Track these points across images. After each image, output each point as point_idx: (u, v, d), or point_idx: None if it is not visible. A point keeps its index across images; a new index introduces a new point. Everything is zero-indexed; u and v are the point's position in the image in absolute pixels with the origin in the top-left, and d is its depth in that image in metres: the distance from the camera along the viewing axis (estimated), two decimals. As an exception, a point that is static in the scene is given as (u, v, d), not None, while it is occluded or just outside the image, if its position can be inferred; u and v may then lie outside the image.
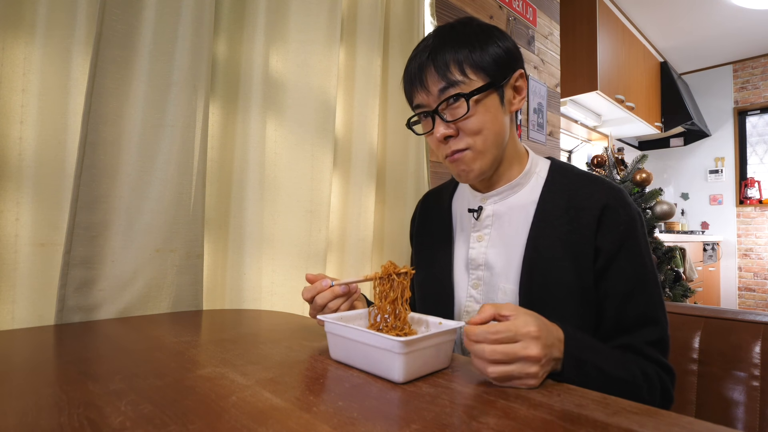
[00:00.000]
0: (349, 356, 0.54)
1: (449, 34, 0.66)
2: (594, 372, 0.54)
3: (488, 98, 0.65)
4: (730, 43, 4.17)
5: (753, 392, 0.73)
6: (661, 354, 0.62)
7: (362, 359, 0.51)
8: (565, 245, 0.64)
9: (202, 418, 0.37)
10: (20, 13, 0.82)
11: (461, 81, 0.63)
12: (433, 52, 0.65)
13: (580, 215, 0.65)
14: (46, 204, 0.83)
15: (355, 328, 0.52)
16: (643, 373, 0.58)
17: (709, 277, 4.09)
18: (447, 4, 1.80)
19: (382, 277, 0.60)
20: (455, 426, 0.36)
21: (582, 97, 3.22)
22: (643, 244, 0.64)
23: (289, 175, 1.16)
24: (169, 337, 0.68)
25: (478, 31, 0.66)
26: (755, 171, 4.52)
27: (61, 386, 0.45)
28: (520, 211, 0.71)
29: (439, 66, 0.64)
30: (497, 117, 0.66)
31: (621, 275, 0.62)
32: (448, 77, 0.64)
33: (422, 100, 0.67)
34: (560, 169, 0.73)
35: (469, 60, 0.64)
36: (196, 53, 0.98)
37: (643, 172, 2.81)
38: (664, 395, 0.60)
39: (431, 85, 0.65)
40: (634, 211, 0.65)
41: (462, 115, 0.64)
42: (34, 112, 0.82)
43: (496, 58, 0.65)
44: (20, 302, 0.81)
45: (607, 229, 0.63)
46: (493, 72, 0.65)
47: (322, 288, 0.65)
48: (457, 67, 0.64)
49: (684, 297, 2.72)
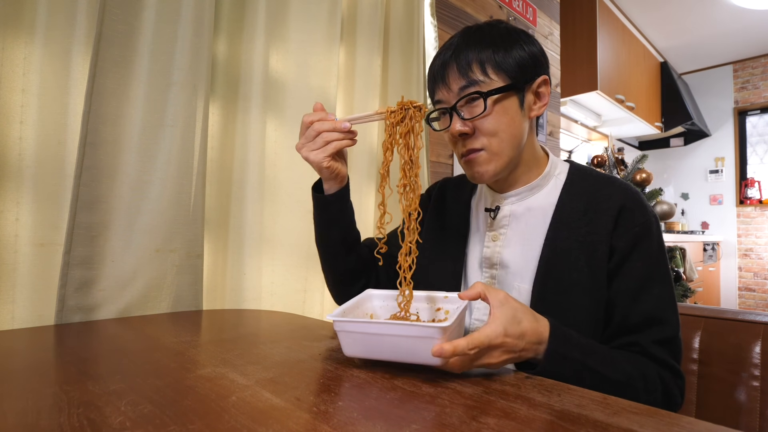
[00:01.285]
0: (372, 350, 0.53)
1: (475, 34, 0.66)
2: (580, 369, 0.54)
3: (507, 100, 0.65)
4: (730, 43, 4.17)
5: (753, 392, 0.73)
6: (669, 355, 0.61)
7: (391, 351, 0.51)
8: (582, 246, 0.65)
9: (202, 418, 0.37)
10: (20, 13, 0.82)
11: (482, 80, 0.64)
12: (457, 50, 0.65)
13: (599, 217, 0.65)
14: (46, 204, 0.83)
15: (386, 322, 0.53)
16: (641, 375, 0.57)
17: (709, 277, 4.09)
18: (447, 4, 1.80)
19: (395, 110, 0.63)
20: (455, 426, 0.36)
21: (582, 97, 3.22)
22: (657, 246, 0.64)
23: (289, 175, 1.16)
24: (169, 337, 0.68)
25: (504, 33, 0.66)
26: (755, 171, 4.52)
27: (61, 386, 0.45)
28: (538, 213, 0.70)
29: (461, 64, 0.64)
30: (515, 120, 0.66)
31: (631, 274, 0.63)
32: (469, 76, 0.64)
33: (442, 96, 0.68)
34: (579, 172, 0.73)
35: (491, 60, 0.64)
36: (196, 53, 0.98)
37: (643, 172, 2.81)
38: (667, 399, 0.59)
39: (452, 83, 0.65)
40: (650, 214, 0.65)
41: (479, 114, 0.64)
42: (34, 112, 0.82)
43: (519, 60, 0.65)
44: (20, 302, 0.81)
45: (623, 229, 0.64)
46: (515, 74, 0.65)
47: (326, 117, 0.65)
48: (479, 67, 0.64)
49: (684, 297, 2.72)
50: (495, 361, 0.50)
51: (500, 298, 0.53)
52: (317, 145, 0.66)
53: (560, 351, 0.54)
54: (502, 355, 0.50)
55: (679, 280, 2.78)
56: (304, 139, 0.67)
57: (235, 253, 1.09)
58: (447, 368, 0.49)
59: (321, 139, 0.65)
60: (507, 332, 0.50)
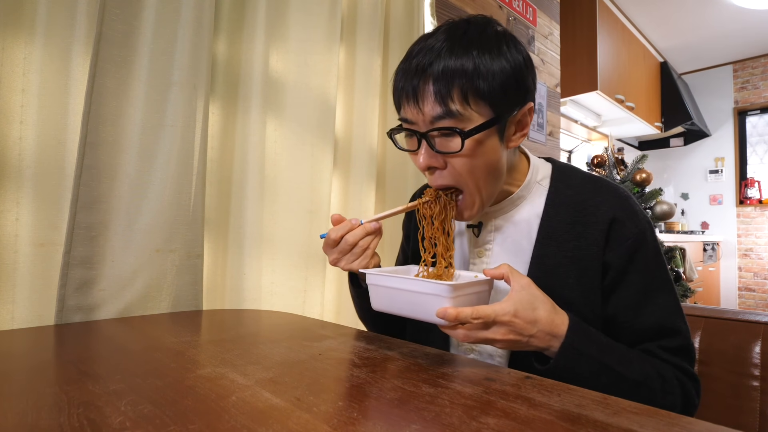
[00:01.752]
0: (394, 305, 0.58)
1: (460, 42, 0.55)
2: (596, 366, 0.53)
3: (487, 138, 0.57)
4: (730, 43, 4.17)
5: (753, 392, 0.73)
6: (685, 361, 0.60)
7: (408, 306, 0.56)
8: (572, 262, 0.61)
9: (202, 418, 0.37)
10: (20, 13, 0.82)
11: (460, 113, 0.55)
12: (435, 63, 0.55)
13: (587, 231, 0.62)
14: (46, 204, 0.83)
15: (403, 277, 0.57)
16: (659, 375, 0.56)
17: (709, 277, 4.09)
18: (447, 4, 1.80)
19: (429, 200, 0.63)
20: (455, 426, 0.36)
21: (582, 97, 3.22)
22: (653, 254, 0.62)
23: (289, 175, 1.16)
24: (168, 337, 0.68)
25: (493, 42, 0.56)
26: (755, 171, 4.52)
27: (61, 386, 0.45)
28: (523, 226, 0.67)
29: (439, 88, 0.54)
30: (492, 157, 0.59)
31: (631, 288, 0.60)
32: (448, 105, 0.55)
33: (412, 116, 0.58)
34: (563, 175, 0.68)
35: (474, 89, 0.54)
36: (196, 53, 0.98)
37: (643, 172, 2.81)
38: (686, 401, 0.57)
39: (425, 107, 0.56)
40: (642, 221, 0.62)
41: (454, 151, 0.57)
42: (34, 112, 0.82)
43: (504, 83, 0.56)
44: (20, 302, 0.81)
45: (616, 244, 0.60)
46: (499, 103, 0.56)
47: (353, 226, 0.64)
48: (460, 95, 0.54)
49: (684, 297, 2.72)
50: (500, 338, 0.51)
51: (523, 282, 0.54)
52: (356, 256, 0.65)
53: (576, 346, 0.53)
54: (508, 334, 0.51)
55: (679, 280, 2.78)
56: (337, 253, 0.64)
57: (235, 253, 1.09)
58: (452, 335, 0.51)
59: (358, 249, 0.64)
60: (517, 313, 0.51)
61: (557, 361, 0.53)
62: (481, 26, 0.58)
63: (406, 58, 0.59)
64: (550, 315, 0.53)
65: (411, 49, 0.59)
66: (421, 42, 0.58)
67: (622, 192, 0.64)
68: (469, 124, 0.56)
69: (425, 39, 0.58)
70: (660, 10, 3.55)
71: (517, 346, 0.53)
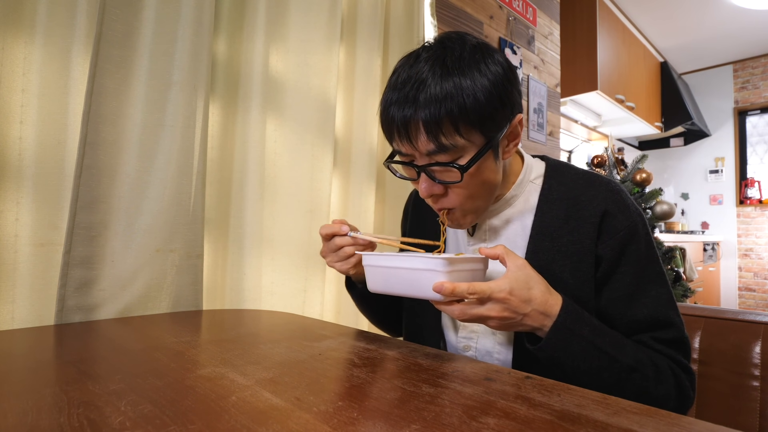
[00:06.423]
0: (389, 285, 0.58)
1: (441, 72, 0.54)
2: (588, 347, 0.54)
3: (484, 161, 0.58)
4: (730, 43, 4.17)
5: (753, 392, 0.73)
6: (679, 354, 0.60)
7: (404, 284, 0.56)
8: (566, 257, 0.62)
9: (202, 418, 0.37)
10: (20, 13, 0.82)
11: (454, 145, 0.55)
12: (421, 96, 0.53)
13: (581, 225, 0.63)
14: (46, 204, 0.83)
15: (397, 255, 0.57)
16: (652, 363, 0.56)
17: (709, 277, 4.09)
18: (447, 4, 1.80)
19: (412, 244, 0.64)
20: (455, 426, 0.36)
21: (582, 97, 3.22)
22: (645, 246, 0.62)
23: (289, 175, 1.16)
24: (168, 337, 0.68)
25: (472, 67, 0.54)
26: (755, 171, 4.52)
27: (61, 386, 0.45)
28: (517, 224, 0.68)
29: (429, 123, 0.53)
30: (491, 176, 0.60)
31: (623, 280, 0.61)
32: (440, 140, 0.54)
33: (405, 149, 0.58)
34: (556, 173, 0.69)
35: (463, 119, 0.53)
36: (196, 53, 0.98)
37: (643, 172, 2.81)
38: (679, 391, 0.57)
39: (419, 143, 0.55)
40: (634, 214, 0.62)
41: (454, 182, 0.58)
42: (34, 112, 0.82)
43: (492, 110, 0.55)
44: (20, 302, 0.81)
45: (608, 236, 0.61)
46: (489, 128, 0.56)
47: (342, 232, 0.66)
48: (452, 127, 0.54)
49: (684, 297, 2.72)
50: (495, 315, 0.52)
51: (519, 263, 0.54)
52: (339, 258, 0.67)
53: (568, 325, 0.54)
54: (503, 312, 0.52)
55: (679, 280, 2.78)
56: (325, 248, 0.68)
57: (235, 253, 1.09)
58: (448, 311, 0.52)
59: (343, 252, 0.66)
60: (512, 291, 0.52)
61: (549, 339, 0.54)
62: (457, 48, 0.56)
63: (392, 88, 0.57)
64: (545, 295, 0.54)
65: (395, 78, 0.58)
66: (405, 69, 0.57)
67: (614, 186, 0.65)
68: (464, 152, 0.56)
69: (409, 66, 0.57)
70: (660, 10, 3.55)
71: (510, 325, 0.54)
